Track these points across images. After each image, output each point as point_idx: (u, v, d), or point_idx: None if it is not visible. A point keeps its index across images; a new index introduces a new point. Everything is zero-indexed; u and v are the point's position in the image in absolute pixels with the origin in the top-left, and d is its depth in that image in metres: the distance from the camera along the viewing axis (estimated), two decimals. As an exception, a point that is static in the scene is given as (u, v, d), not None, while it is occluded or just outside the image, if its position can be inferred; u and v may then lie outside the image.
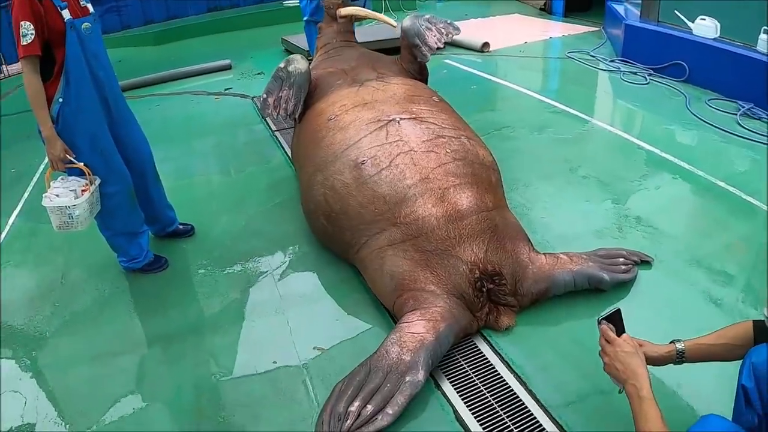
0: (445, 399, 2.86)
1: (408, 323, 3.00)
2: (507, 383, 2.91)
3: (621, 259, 3.61)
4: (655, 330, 3.12)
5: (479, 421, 2.71)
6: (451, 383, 2.94)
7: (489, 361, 3.05)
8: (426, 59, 4.70)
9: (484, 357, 3.09)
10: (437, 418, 2.78)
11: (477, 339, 3.22)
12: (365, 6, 6.32)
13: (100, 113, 3.66)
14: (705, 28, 6.98)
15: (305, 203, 4.08)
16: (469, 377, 2.96)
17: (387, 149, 3.56)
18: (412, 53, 4.72)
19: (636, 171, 5.01)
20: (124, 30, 12.35)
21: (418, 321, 2.99)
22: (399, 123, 3.71)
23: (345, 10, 5.31)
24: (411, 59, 4.75)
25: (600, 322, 2.27)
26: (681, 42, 7.23)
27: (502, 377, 2.95)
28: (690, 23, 7.18)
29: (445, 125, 3.79)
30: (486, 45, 9.27)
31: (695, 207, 4.55)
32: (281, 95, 4.45)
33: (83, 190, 3.56)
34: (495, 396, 2.84)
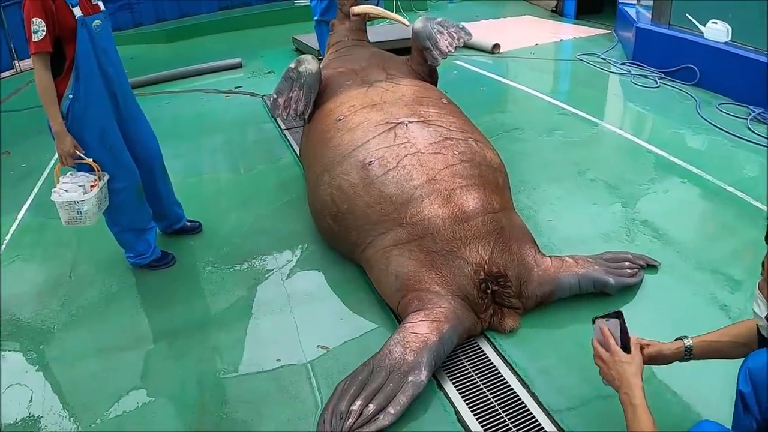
0: (448, 400, 2.86)
1: (412, 323, 3.01)
2: (509, 385, 2.91)
3: (627, 263, 3.60)
4: (660, 334, 3.10)
5: (481, 423, 2.71)
6: (454, 384, 2.94)
7: (492, 363, 3.05)
8: (437, 63, 4.70)
9: (487, 359, 3.09)
10: (439, 418, 2.78)
11: (480, 340, 3.22)
12: (378, 5, 6.32)
13: (109, 109, 3.69)
14: (716, 31, 6.95)
15: (312, 203, 4.09)
16: (472, 379, 2.96)
17: (394, 151, 3.56)
18: (422, 56, 4.71)
19: (644, 175, 4.99)
20: (136, 27, 12.42)
21: (421, 321, 3.00)
22: (407, 126, 3.71)
23: (358, 8, 5.31)
24: (421, 61, 4.75)
25: (594, 320, 2.28)
26: (692, 45, 7.19)
27: (504, 379, 2.95)
28: (701, 27, 7.15)
29: (453, 128, 3.79)
30: (497, 46, 9.26)
31: (703, 211, 4.54)
32: (291, 95, 4.46)
33: (92, 185, 3.59)
34: (497, 398, 2.84)
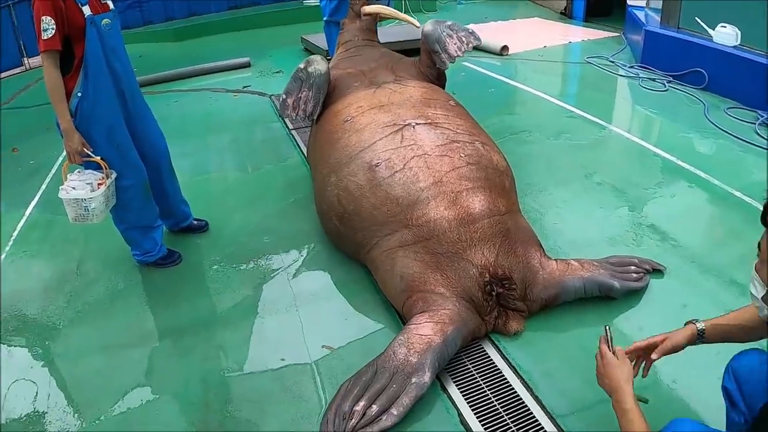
0: (451, 402, 2.86)
1: (416, 325, 3.01)
2: (513, 388, 2.91)
3: (633, 267, 3.59)
4: (664, 339, 3.11)
5: (484, 425, 2.71)
6: (458, 386, 2.94)
7: (496, 366, 3.05)
8: (445, 67, 4.70)
9: (491, 361, 3.09)
10: (442, 420, 2.78)
11: (485, 343, 3.22)
12: (389, 5, 6.33)
13: (116, 107, 3.70)
14: (725, 35, 6.91)
15: (319, 203, 4.10)
16: (476, 381, 2.96)
17: (401, 152, 3.57)
18: (431, 58, 4.71)
19: (652, 178, 4.98)
20: (145, 25, 12.45)
21: (426, 323, 3.00)
22: (414, 128, 3.72)
23: (369, 7, 5.32)
24: (430, 64, 4.74)
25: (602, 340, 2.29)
26: (701, 49, 7.16)
27: (508, 382, 2.95)
28: (710, 30, 7.12)
29: (460, 130, 3.79)
30: (505, 48, 9.24)
31: (710, 216, 4.52)
32: (300, 96, 4.47)
33: (99, 183, 3.60)
34: (500, 401, 2.84)
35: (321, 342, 3.32)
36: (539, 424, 2.71)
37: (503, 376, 2.99)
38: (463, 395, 2.89)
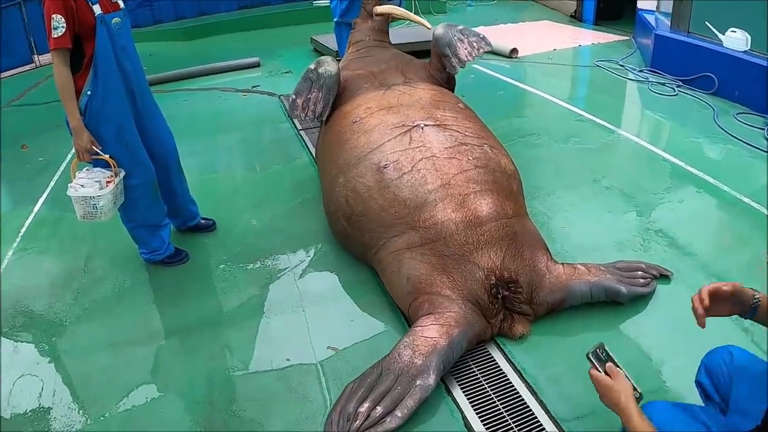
0: (455, 405, 2.86)
1: (422, 327, 3.01)
2: (518, 392, 2.90)
3: (640, 273, 3.57)
4: (671, 345, 3.11)
5: (488, 429, 2.71)
6: (462, 389, 2.94)
7: (501, 369, 3.05)
8: (455, 71, 4.69)
9: (496, 364, 3.08)
10: (446, 423, 2.78)
11: (490, 346, 3.21)
12: (401, 6, 6.33)
13: (126, 106, 3.71)
14: (735, 40, 6.88)
15: (327, 204, 4.10)
16: (480, 384, 2.96)
17: (410, 154, 3.57)
18: (441, 62, 4.70)
19: (660, 183, 4.96)
20: (155, 24, 12.50)
21: (432, 325, 3.00)
22: (423, 129, 3.71)
23: (381, 7, 5.32)
24: (440, 67, 4.74)
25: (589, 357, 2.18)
26: (711, 54, 7.13)
27: (513, 386, 2.94)
28: (720, 35, 7.09)
29: (469, 133, 3.78)
30: (514, 51, 9.23)
31: (718, 222, 4.50)
32: (310, 97, 4.47)
33: (108, 181, 3.62)
34: (505, 404, 2.84)
35: (326, 343, 3.32)
36: (543, 428, 2.70)
37: (508, 379, 2.99)
38: (468, 398, 2.88)
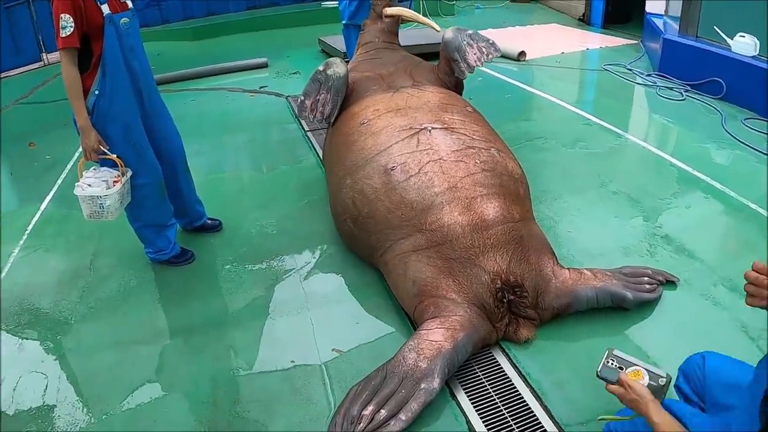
0: (459, 409, 2.85)
1: (427, 330, 3.01)
2: (522, 397, 2.90)
3: (646, 278, 3.56)
4: (677, 351, 3.08)
5: (492, 433, 2.71)
6: (467, 393, 2.93)
7: (506, 374, 3.04)
8: (463, 76, 4.68)
9: (500, 369, 3.08)
10: (450, 426, 2.78)
11: (495, 350, 3.21)
12: (410, 8, 6.32)
13: (134, 105, 3.72)
14: (744, 45, 6.85)
15: (333, 205, 4.10)
16: (485, 388, 2.96)
17: (417, 157, 3.56)
18: (450, 66, 4.70)
19: (667, 188, 4.95)
20: (163, 24, 12.52)
21: (437, 329, 3.00)
22: (430, 132, 3.71)
23: (391, 9, 5.32)
24: (448, 71, 4.73)
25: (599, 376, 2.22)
26: (719, 59, 7.10)
27: (517, 390, 2.94)
28: (729, 40, 7.06)
29: (476, 136, 3.78)
30: (522, 54, 9.22)
31: (725, 228, 4.48)
32: (319, 98, 4.47)
33: (115, 181, 3.62)
34: (509, 409, 2.83)
35: (331, 344, 3.32)
36: (547, 433, 2.70)
37: (512, 384, 2.98)
38: (472, 402, 2.88)
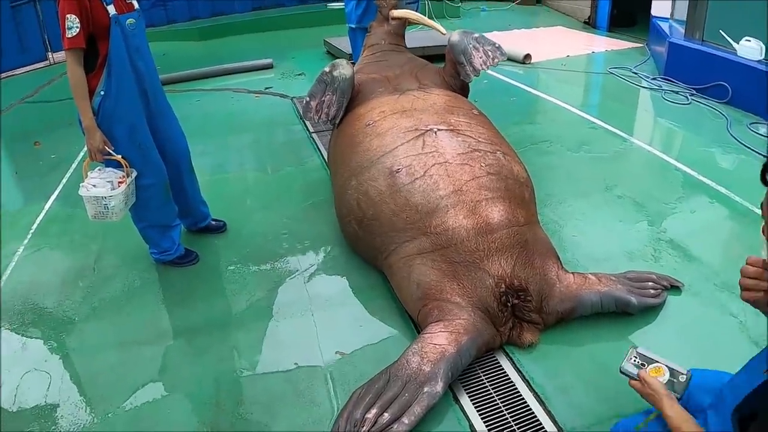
0: (462, 413, 2.85)
1: (431, 334, 3.00)
2: (525, 402, 2.89)
3: (650, 283, 3.55)
4: (681, 357, 3.07)
5: (495, 438, 2.71)
6: (470, 397, 2.93)
7: (509, 378, 3.04)
8: (469, 79, 4.67)
9: (504, 373, 3.07)
10: (453, 430, 2.77)
11: (499, 354, 3.20)
12: (417, 11, 6.32)
13: (139, 106, 3.72)
14: (750, 49, 6.83)
15: (338, 207, 4.10)
16: (488, 392, 2.95)
17: (422, 159, 3.56)
18: (455, 69, 4.69)
19: (672, 193, 4.93)
20: (169, 24, 12.53)
21: (441, 332, 2.99)
22: (436, 134, 3.71)
23: (398, 12, 5.31)
24: (454, 74, 4.72)
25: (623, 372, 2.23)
26: (725, 63, 7.08)
27: (521, 395, 2.93)
28: (735, 44, 7.05)
29: (482, 139, 3.77)
30: (528, 57, 9.21)
31: (730, 233, 4.47)
32: (324, 99, 4.47)
33: (120, 181, 3.63)
34: (512, 414, 2.82)
35: (335, 347, 3.32)
36: (551, 438, 2.70)
37: (516, 388, 2.97)
38: (475, 406, 2.87)
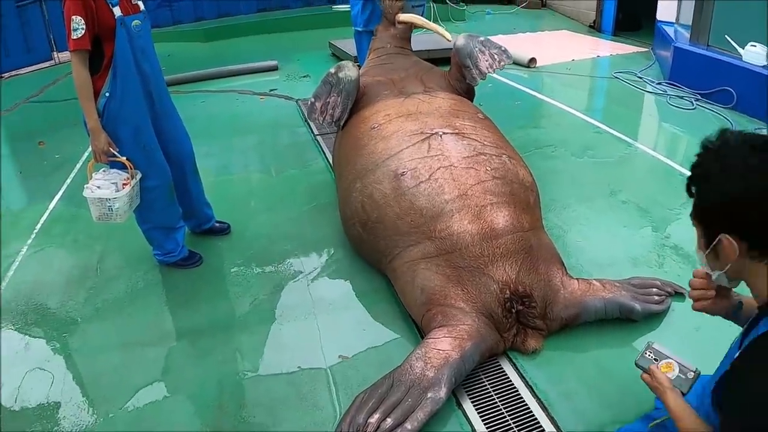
0: (465, 419, 2.84)
1: (434, 339, 2.99)
2: (529, 407, 2.88)
3: (654, 290, 3.54)
4: (685, 364, 3.06)
5: (499, 444, 2.70)
6: (473, 403, 2.92)
7: (512, 384, 3.02)
8: (475, 83, 4.68)
9: (507, 379, 3.06)
10: (456, 435, 2.76)
11: (502, 360, 3.19)
12: (422, 14, 6.33)
13: (144, 108, 3.72)
14: (755, 54, 6.81)
15: (342, 209, 4.10)
16: (491, 398, 2.94)
17: (427, 162, 3.56)
18: (461, 72, 4.69)
19: (677, 198, 4.90)
20: (175, 25, 12.56)
21: (444, 338, 2.98)
22: (441, 137, 3.70)
23: (404, 16, 5.31)
24: (460, 77, 4.73)
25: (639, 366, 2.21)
26: (730, 68, 7.07)
27: (524, 401, 2.92)
28: (740, 49, 7.03)
29: (487, 143, 3.77)
30: (533, 60, 9.21)
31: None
32: (329, 101, 4.47)
33: (124, 183, 3.62)
34: (516, 420, 2.81)
35: (338, 351, 3.31)
36: (555, 445, 2.69)
37: (519, 394, 2.96)
38: (478, 412, 2.86)
